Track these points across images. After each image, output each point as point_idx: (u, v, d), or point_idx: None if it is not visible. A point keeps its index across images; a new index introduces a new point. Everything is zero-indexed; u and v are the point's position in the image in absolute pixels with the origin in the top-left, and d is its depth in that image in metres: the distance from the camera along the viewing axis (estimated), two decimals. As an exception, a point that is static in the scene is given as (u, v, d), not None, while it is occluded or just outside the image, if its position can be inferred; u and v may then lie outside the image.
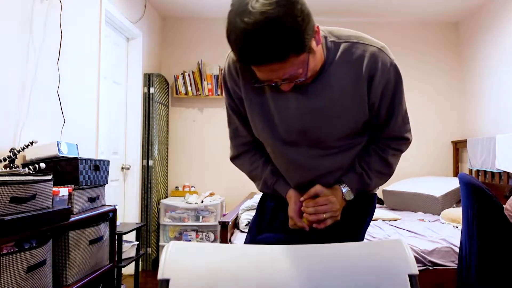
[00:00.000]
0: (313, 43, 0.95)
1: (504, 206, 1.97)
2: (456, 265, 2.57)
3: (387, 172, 1.19)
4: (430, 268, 2.57)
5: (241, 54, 0.88)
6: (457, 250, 2.60)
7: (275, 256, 0.82)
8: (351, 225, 1.22)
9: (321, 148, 1.13)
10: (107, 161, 2.24)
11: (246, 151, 1.25)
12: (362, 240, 1.28)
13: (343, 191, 1.14)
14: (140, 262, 3.59)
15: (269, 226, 1.28)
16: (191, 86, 4.27)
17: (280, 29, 0.84)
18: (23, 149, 1.86)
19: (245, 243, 1.31)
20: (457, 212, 3.26)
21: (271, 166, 1.23)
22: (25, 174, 1.58)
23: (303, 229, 1.14)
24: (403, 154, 1.24)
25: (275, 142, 1.15)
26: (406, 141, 1.17)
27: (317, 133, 1.10)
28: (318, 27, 0.95)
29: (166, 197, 4.26)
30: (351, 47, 1.05)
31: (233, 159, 1.27)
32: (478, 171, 3.87)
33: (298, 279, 0.79)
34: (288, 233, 1.21)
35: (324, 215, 1.08)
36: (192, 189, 4.29)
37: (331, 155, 1.14)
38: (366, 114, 1.09)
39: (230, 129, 1.24)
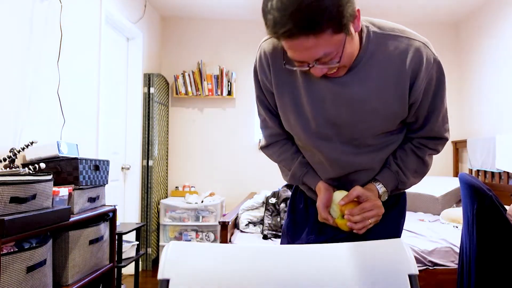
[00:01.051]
0: (352, 27, 0.90)
1: (506, 209, 1.97)
2: (456, 265, 2.57)
3: (423, 171, 1.16)
4: (430, 268, 2.58)
5: (276, 24, 0.83)
6: (457, 250, 2.60)
7: (275, 256, 0.82)
8: (387, 228, 1.17)
9: (355, 145, 1.09)
10: (107, 161, 2.24)
11: (276, 142, 1.23)
12: None
13: (380, 191, 1.10)
14: (140, 262, 3.60)
15: (302, 229, 1.26)
16: (191, 86, 4.27)
17: None
18: (23, 149, 1.86)
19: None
20: (457, 212, 3.26)
21: (301, 158, 1.19)
22: (25, 174, 1.58)
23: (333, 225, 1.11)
24: None
25: (307, 136, 1.11)
26: (445, 141, 1.14)
27: (351, 128, 1.06)
28: (359, 11, 0.90)
29: (166, 197, 4.27)
30: (394, 40, 1.00)
31: (262, 148, 1.26)
32: (478, 171, 3.87)
33: (298, 278, 0.79)
34: (320, 234, 1.19)
35: (370, 221, 1.02)
36: (192, 189, 4.29)
37: (365, 153, 1.11)
38: (406, 112, 1.04)
39: (260, 119, 1.23)
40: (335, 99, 1.03)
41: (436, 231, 2.94)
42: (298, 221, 1.28)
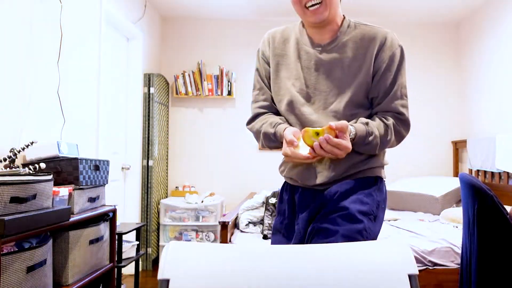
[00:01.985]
0: None
1: (506, 209, 1.97)
2: (456, 265, 2.57)
3: (387, 138, 1.25)
4: (430, 268, 2.58)
5: None
6: (457, 250, 2.60)
7: (275, 256, 0.82)
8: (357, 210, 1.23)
9: (331, 111, 1.27)
10: (107, 161, 2.24)
11: (263, 113, 1.39)
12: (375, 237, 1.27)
13: (351, 133, 1.19)
14: (140, 262, 3.60)
15: (292, 223, 1.35)
16: (191, 86, 4.28)
17: None
18: (23, 149, 1.86)
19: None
20: (457, 212, 3.26)
21: (283, 118, 1.35)
22: (25, 174, 1.58)
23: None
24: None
25: (294, 99, 1.31)
26: (405, 121, 1.28)
27: (329, 91, 1.27)
28: None
29: (166, 197, 4.27)
30: (367, 27, 1.29)
31: (249, 122, 1.41)
32: (478, 171, 3.87)
33: (298, 279, 0.79)
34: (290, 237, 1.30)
35: (330, 155, 1.14)
36: (192, 189, 4.29)
37: (337, 121, 1.23)
38: (370, 81, 1.26)
39: (253, 94, 1.43)
40: (318, 68, 1.29)
41: (436, 231, 2.94)
42: (288, 216, 1.36)
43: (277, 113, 1.39)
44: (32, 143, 1.90)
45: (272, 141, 1.32)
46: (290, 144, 1.18)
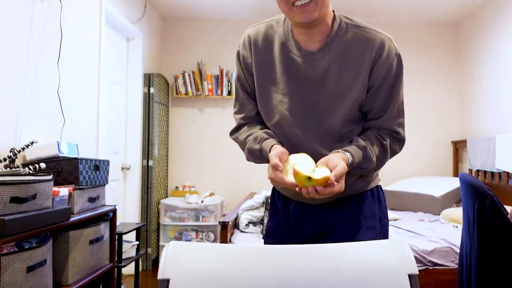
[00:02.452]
0: None
1: (506, 209, 1.97)
2: (456, 265, 2.57)
3: (382, 160, 1.15)
4: (430, 268, 2.58)
5: None
6: (457, 250, 2.60)
7: (275, 256, 0.82)
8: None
9: (325, 130, 1.14)
10: (107, 161, 2.24)
11: (247, 123, 1.25)
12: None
13: (349, 161, 1.06)
14: (140, 262, 3.60)
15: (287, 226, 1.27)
16: (191, 86, 4.28)
17: None
18: (23, 149, 1.86)
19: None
20: (457, 212, 3.26)
21: (269, 131, 1.20)
22: (25, 174, 1.58)
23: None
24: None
25: (283, 119, 1.16)
26: (401, 139, 1.17)
27: (322, 108, 1.13)
28: None
29: (166, 197, 4.27)
30: (361, 31, 1.12)
31: (232, 132, 1.28)
32: (478, 171, 3.87)
33: (298, 279, 0.79)
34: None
35: (320, 196, 1.01)
36: (192, 189, 4.29)
37: (328, 141, 1.14)
38: (364, 95, 1.13)
39: (237, 104, 1.26)
40: (308, 81, 1.13)
41: (436, 231, 2.94)
42: (282, 224, 1.27)
43: (263, 122, 1.24)
44: (32, 143, 1.90)
45: (258, 158, 1.17)
46: (275, 169, 1.04)
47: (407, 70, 4.34)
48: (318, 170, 1.00)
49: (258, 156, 1.16)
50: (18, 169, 1.66)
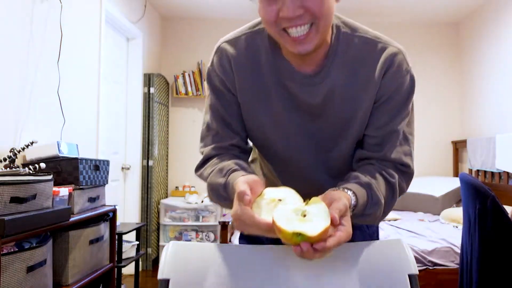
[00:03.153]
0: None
1: (506, 210, 1.97)
2: (456, 265, 2.57)
3: (390, 204, 0.89)
4: (430, 268, 2.58)
5: None
6: (457, 250, 2.60)
7: (275, 255, 0.82)
8: None
9: (326, 169, 0.98)
10: (107, 161, 2.24)
11: (218, 155, 0.94)
12: None
13: (352, 202, 0.78)
14: (140, 262, 3.60)
15: None
16: (191, 86, 4.28)
17: None
18: (23, 149, 1.86)
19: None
20: (457, 212, 3.26)
21: (241, 160, 0.92)
22: (25, 174, 1.58)
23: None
24: None
25: (280, 157, 0.98)
26: (407, 170, 0.91)
27: (325, 137, 0.94)
28: None
29: (166, 197, 4.27)
30: (366, 44, 0.88)
31: (198, 167, 0.98)
32: (478, 171, 3.87)
33: (298, 278, 0.79)
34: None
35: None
36: (192, 189, 4.29)
37: (338, 168, 0.97)
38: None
39: (208, 136, 0.97)
40: (306, 109, 0.91)
41: (436, 231, 2.94)
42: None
43: (239, 157, 0.94)
44: (32, 143, 1.90)
45: (221, 197, 0.86)
46: (240, 199, 0.71)
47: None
48: (311, 210, 0.68)
49: (221, 194, 0.85)
50: (18, 169, 1.66)
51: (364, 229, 1.07)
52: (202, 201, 3.95)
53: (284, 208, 0.69)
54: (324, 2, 0.76)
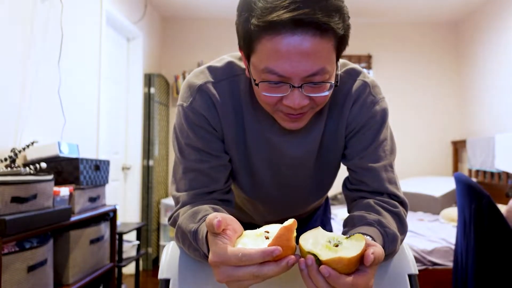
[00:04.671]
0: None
1: (505, 208, 1.98)
2: (456, 265, 2.58)
3: (403, 231, 0.81)
4: (430, 268, 2.58)
5: (278, 7, 0.64)
6: (457, 250, 2.61)
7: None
8: None
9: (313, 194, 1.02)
10: (108, 161, 2.25)
11: (192, 203, 0.82)
12: None
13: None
14: (140, 262, 3.60)
15: None
16: (191, 86, 4.27)
17: None
18: (24, 149, 1.87)
19: None
20: (456, 212, 3.27)
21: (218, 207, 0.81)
22: (26, 174, 1.59)
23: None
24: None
25: (265, 210, 1.02)
26: (398, 199, 0.85)
27: (306, 185, 0.96)
28: None
29: (167, 196, 4.27)
30: (340, 84, 0.85)
31: (171, 216, 0.84)
32: (477, 171, 3.88)
33: (297, 278, 0.79)
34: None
35: None
36: (192, 189, 4.28)
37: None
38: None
39: (183, 179, 0.85)
40: (288, 162, 0.89)
41: (435, 231, 2.95)
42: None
43: (217, 204, 0.84)
44: (32, 143, 1.90)
45: (191, 247, 0.74)
46: (211, 229, 0.60)
47: (406, 70, 4.31)
48: (346, 244, 0.60)
49: (192, 244, 0.73)
50: (19, 169, 1.66)
51: None
52: (202, 201, 3.95)
53: (319, 232, 0.62)
54: (328, 94, 0.73)
